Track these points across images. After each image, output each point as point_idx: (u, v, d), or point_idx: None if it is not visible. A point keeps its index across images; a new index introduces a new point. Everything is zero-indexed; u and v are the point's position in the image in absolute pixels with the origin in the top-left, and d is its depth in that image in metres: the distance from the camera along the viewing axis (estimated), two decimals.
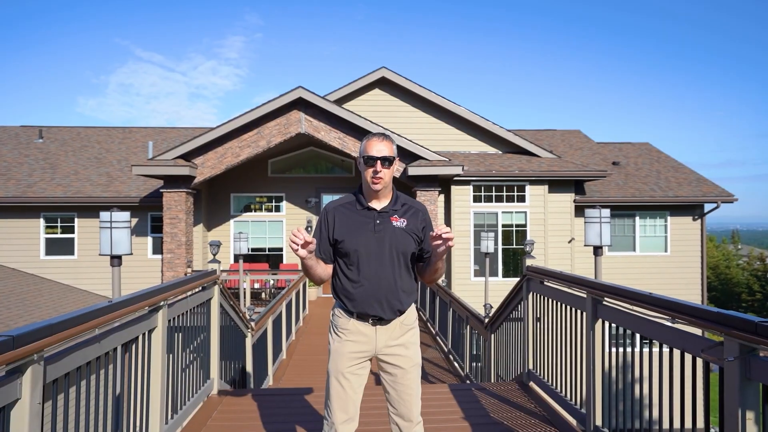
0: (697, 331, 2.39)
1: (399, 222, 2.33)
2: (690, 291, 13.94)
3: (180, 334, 3.58)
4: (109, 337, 2.48)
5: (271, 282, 13.50)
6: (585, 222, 4.96)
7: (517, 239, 13.33)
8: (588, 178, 13.50)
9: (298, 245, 2.11)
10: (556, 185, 13.43)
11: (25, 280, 12.67)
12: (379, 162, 2.24)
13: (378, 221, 2.31)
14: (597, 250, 5.04)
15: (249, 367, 5.75)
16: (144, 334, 2.93)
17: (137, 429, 2.84)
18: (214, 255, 4.15)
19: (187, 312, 3.68)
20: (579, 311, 3.50)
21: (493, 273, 13.08)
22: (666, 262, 14.22)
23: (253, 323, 5.85)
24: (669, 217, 14.30)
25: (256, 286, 13.50)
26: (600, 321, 3.23)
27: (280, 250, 14.70)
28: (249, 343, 5.75)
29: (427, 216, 2.43)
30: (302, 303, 11.63)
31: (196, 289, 3.90)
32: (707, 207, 14.28)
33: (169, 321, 3.30)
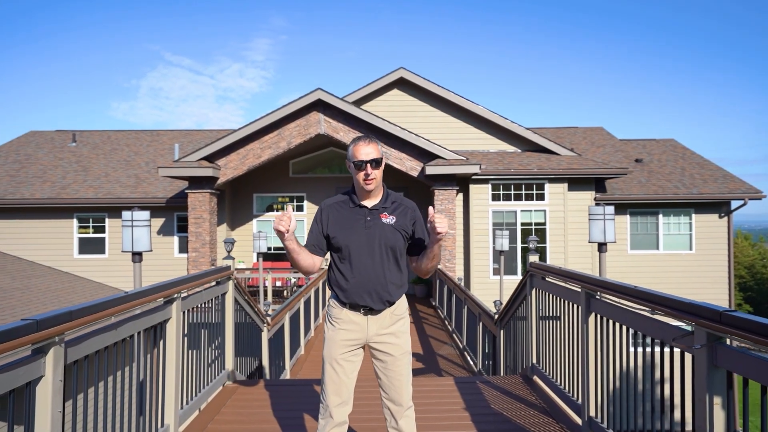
0: (681, 323, 2.48)
1: (388, 219, 2.49)
2: (716, 290, 13.67)
3: (195, 326, 3.82)
4: (126, 325, 2.71)
5: (293, 280, 13.79)
6: (589, 219, 5.02)
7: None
8: (608, 176, 13.38)
9: (283, 226, 2.32)
10: (576, 183, 13.35)
11: (59, 278, 13.26)
12: (368, 165, 2.41)
13: (368, 218, 2.48)
14: (601, 247, 5.10)
15: (265, 361, 5.99)
16: (160, 324, 3.16)
17: (154, 412, 3.07)
18: (228, 252, 4.37)
19: (202, 305, 3.92)
20: (576, 305, 3.59)
21: (512, 271, 13.09)
22: (691, 260, 13.97)
23: (269, 318, 6.08)
24: (694, 215, 14.04)
25: (278, 284, 13.82)
26: (593, 314, 3.32)
27: None
28: (265, 337, 5.98)
29: (416, 213, 2.58)
30: (322, 300, 11.87)
31: (211, 284, 4.13)
32: (734, 204, 13.97)
33: (185, 312, 3.53)
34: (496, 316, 6.01)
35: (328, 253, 2.61)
